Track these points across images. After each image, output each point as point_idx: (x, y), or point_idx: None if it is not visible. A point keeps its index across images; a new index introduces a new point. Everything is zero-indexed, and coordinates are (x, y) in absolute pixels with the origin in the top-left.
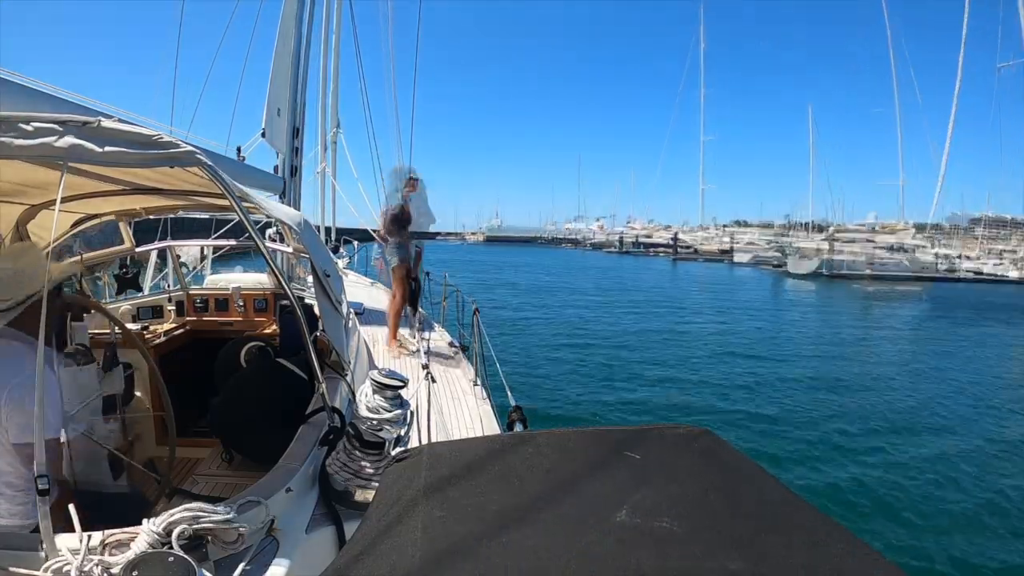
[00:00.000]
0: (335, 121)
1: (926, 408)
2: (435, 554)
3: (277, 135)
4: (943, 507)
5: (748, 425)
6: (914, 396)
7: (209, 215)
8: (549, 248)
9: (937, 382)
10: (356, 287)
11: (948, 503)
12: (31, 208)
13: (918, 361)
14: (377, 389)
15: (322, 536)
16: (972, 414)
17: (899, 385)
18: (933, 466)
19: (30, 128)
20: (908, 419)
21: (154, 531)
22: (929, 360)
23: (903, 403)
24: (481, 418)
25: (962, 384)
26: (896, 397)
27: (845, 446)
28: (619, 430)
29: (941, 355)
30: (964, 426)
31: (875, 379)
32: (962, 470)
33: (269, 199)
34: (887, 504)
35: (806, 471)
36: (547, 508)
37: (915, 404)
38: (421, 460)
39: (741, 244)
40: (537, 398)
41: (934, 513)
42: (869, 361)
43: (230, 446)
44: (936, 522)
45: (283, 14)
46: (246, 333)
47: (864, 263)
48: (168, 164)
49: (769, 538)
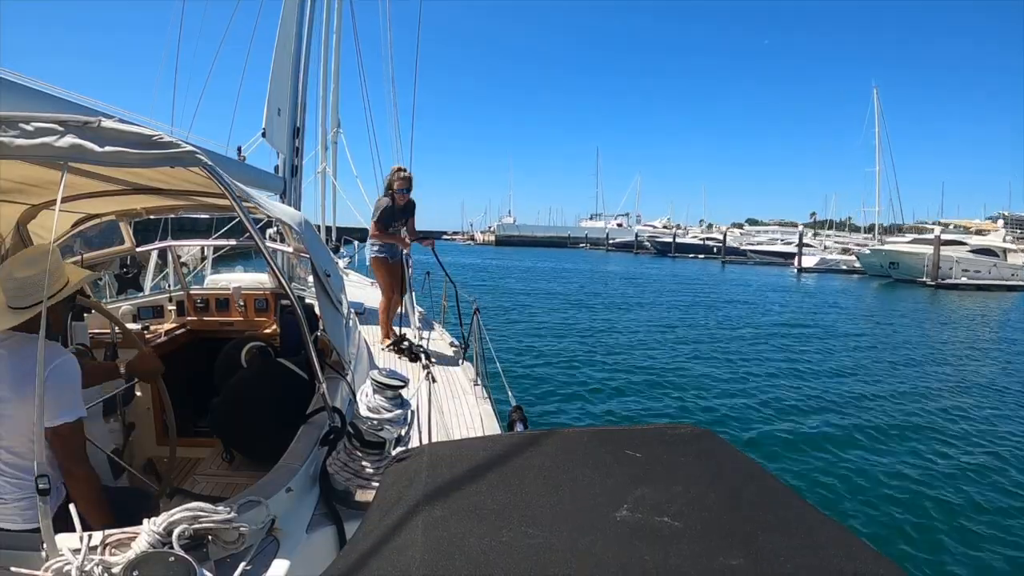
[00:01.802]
0: (335, 121)
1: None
2: (436, 554)
3: (277, 135)
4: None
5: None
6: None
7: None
8: (566, 249)
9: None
10: (356, 287)
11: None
12: (31, 208)
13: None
14: (377, 389)
15: (323, 536)
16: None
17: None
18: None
19: (30, 128)
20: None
21: (154, 531)
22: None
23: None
24: (481, 418)
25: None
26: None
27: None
28: (620, 430)
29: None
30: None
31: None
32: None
33: (270, 199)
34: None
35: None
36: (548, 508)
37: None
38: (422, 460)
39: (788, 245)
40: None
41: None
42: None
43: (230, 446)
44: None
45: (283, 14)
46: (247, 333)
47: (961, 270)
48: (169, 164)
49: (769, 537)
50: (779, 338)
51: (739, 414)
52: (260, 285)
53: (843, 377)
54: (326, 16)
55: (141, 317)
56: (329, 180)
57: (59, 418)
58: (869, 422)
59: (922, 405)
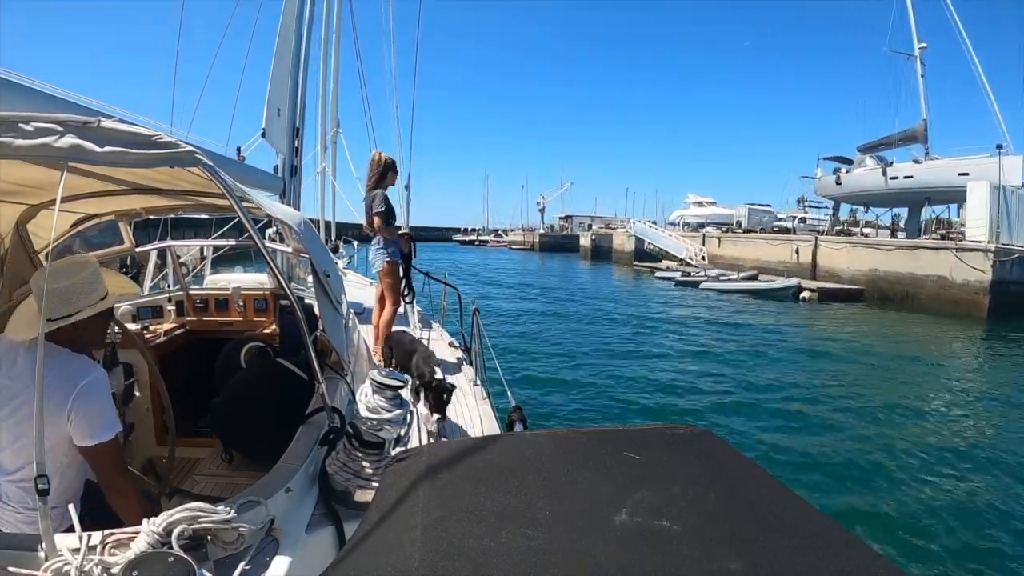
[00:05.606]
0: (335, 121)
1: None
2: (435, 554)
3: (277, 135)
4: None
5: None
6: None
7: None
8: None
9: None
10: (356, 287)
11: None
12: (31, 208)
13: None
14: (377, 389)
15: (322, 536)
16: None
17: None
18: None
19: (30, 128)
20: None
21: (154, 531)
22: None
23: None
24: (481, 418)
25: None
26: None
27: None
28: (620, 431)
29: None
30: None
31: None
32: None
33: (269, 199)
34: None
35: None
36: (547, 509)
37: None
38: (421, 460)
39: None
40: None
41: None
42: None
43: (230, 446)
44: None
45: (283, 14)
46: (246, 333)
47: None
48: (168, 164)
49: (769, 538)
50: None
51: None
52: (260, 285)
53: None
54: (326, 16)
55: (140, 317)
56: (329, 180)
57: (98, 437)
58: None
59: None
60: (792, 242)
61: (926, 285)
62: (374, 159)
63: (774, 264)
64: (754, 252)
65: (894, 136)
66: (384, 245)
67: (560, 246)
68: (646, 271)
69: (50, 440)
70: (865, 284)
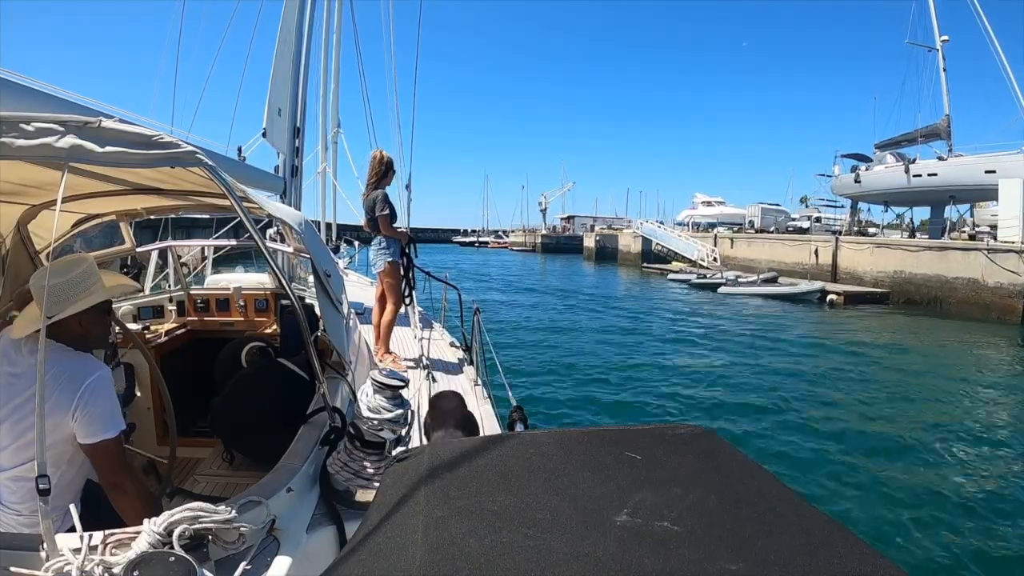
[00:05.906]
0: (335, 121)
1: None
2: (436, 554)
3: (278, 135)
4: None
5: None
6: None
7: (210, 215)
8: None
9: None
10: (357, 287)
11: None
12: (31, 208)
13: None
14: (378, 389)
15: (323, 536)
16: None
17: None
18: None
19: (31, 128)
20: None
21: (155, 531)
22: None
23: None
24: (482, 418)
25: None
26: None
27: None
28: (621, 430)
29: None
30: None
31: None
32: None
33: (270, 199)
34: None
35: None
36: (548, 509)
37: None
38: (422, 460)
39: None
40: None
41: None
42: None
43: (231, 446)
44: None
45: (284, 14)
46: (247, 333)
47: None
48: (169, 164)
49: (771, 539)
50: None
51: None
52: (260, 285)
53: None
54: (326, 16)
55: (141, 317)
56: (329, 180)
57: (102, 434)
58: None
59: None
60: (811, 243)
61: (956, 288)
62: (375, 157)
63: (791, 266)
64: (769, 253)
65: (916, 132)
66: (386, 245)
67: (562, 247)
68: (656, 273)
69: (53, 438)
70: (889, 287)
